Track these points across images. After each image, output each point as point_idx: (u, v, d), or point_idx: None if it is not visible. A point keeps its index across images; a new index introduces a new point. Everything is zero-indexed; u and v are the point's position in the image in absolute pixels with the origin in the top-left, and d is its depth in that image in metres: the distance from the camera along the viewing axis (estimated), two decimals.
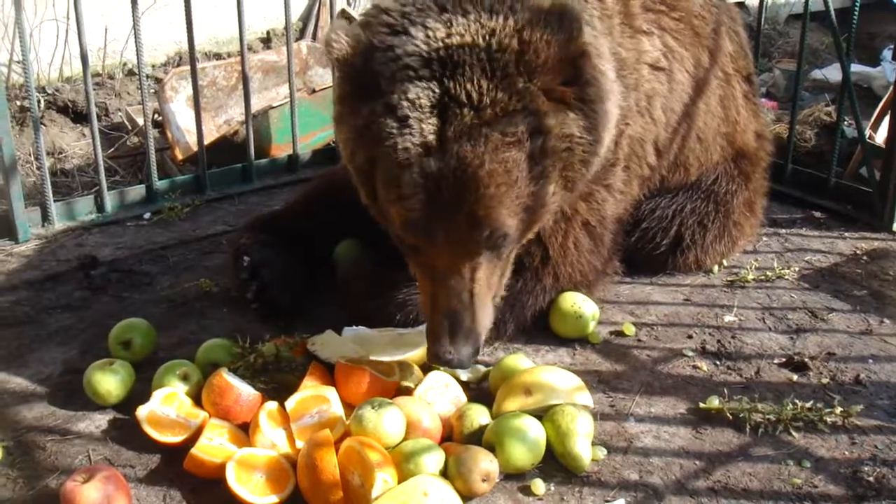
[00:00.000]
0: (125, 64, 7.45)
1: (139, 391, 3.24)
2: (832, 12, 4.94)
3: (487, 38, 2.84)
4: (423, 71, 2.83)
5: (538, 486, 2.84)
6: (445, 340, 2.99)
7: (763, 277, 4.26)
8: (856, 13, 4.85)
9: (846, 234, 4.77)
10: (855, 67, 7.40)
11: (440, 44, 2.84)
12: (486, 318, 3.09)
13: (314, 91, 5.96)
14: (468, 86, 2.80)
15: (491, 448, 2.86)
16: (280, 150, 5.75)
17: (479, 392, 3.31)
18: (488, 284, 3.08)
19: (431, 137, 2.80)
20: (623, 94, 3.55)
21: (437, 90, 2.81)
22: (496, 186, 2.83)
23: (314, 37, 8.23)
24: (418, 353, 3.33)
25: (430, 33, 2.86)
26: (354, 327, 3.49)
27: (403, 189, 2.86)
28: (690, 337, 3.77)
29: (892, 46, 8.55)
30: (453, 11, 2.90)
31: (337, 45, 2.94)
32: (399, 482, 2.70)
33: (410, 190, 2.84)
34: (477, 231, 2.90)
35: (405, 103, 2.82)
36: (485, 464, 2.77)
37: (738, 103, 4.39)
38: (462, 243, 2.94)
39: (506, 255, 3.15)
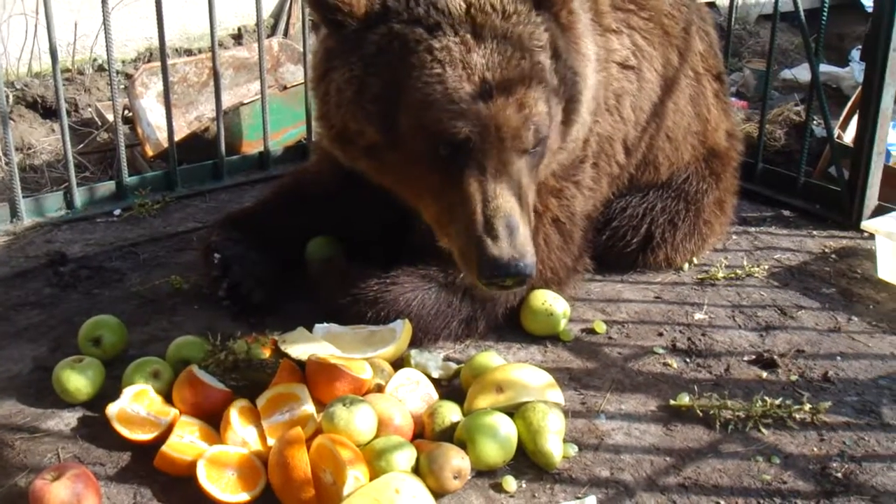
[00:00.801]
0: (95, 59, 7.40)
1: (109, 388, 3.22)
2: (801, 13, 4.98)
3: None
4: (446, 2, 2.95)
5: (509, 483, 2.84)
6: (505, 245, 2.94)
7: (733, 275, 4.28)
8: (825, 14, 4.88)
9: (815, 233, 4.81)
10: (824, 67, 7.46)
11: None
12: (529, 229, 3.10)
13: (285, 88, 5.95)
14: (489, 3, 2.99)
15: (462, 445, 2.86)
16: (251, 147, 5.73)
17: (451, 389, 3.31)
18: (528, 196, 3.13)
19: (469, 36, 2.93)
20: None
21: (463, 4, 2.95)
22: (538, 82, 3.00)
23: (286, 33, 8.21)
24: (390, 350, 3.34)
25: None
26: (325, 324, 3.50)
27: (450, 85, 2.92)
28: (661, 334, 3.78)
29: (860, 47, 8.61)
30: None
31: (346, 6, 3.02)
32: (370, 479, 2.69)
33: (458, 84, 2.92)
34: (525, 119, 2.99)
35: (433, 11, 2.93)
36: (456, 461, 2.77)
37: (709, 102, 4.42)
38: (514, 133, 2.99)
39: (536, 171, 3.23)
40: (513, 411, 3.03)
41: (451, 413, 3.02)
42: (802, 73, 7.94)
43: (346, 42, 3.10)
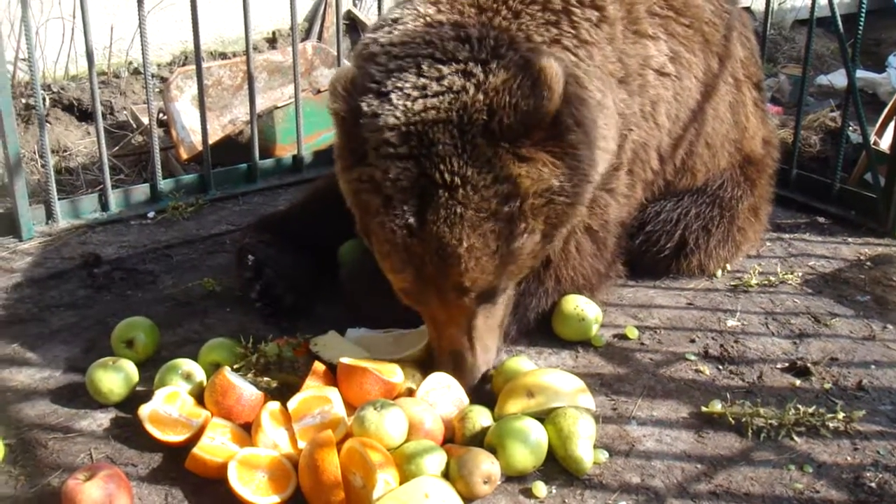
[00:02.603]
0: (131, 63, 7.45)
1: (141, 390, 3.26)
2: (838, 18, 4.93)
3: (459, 111, 2.92)
4: (402, 148, 2.95)
5: (539, 488, 2.84)
6: (452, 374, 3.23)
7: (766, 282, 4.26)
8: (861, 19, 4.84)
9: (850, 240, 4.76)
10: (860, 73, 7.39)
11: (417, 118, 2.94)
12: (489, 351, 3.32)
13: (319, 91, 5.96)
14: (441, 166, 2.91)
15: (492, 450, 2.87)
16: (284, 151, 5.75)
17: (482, 394, 3.30)
18: (486, 326, 3.27)
19: (412, 220, 2.96)
20: (626, 101, 3.56)
21: (414, 170, 2.94)
22: (476, 259, 2.99)
23: (320, 37, 8.24)
24: (419, 349, 3.35)
25: (408, 104, 2.96)
26: (357, 328, 3.51)
27: (393, 263, 3.08)
28: (693, 341, 3.76)
29: None
30: (428, 74, 3.00)
31: (335, 104, 3.09)
32: (400, 483, 2.70)
33: (399, 265, 3.06)
34: (465, 296, 3.10)
35: (388, 183, 2.96)
36: (486, 466, 2.77)
37: (748, 110, 4.38)
38: (454, 306, 3.15)
39: (502, 299, 3.33)
40: (543, 416, 3.02)
41: (481, 418, 3.03)
42: (838, 78, 7.87)
43: (343, 155, 3.19)
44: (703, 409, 3.25)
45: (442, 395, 3.14)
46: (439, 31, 3.12)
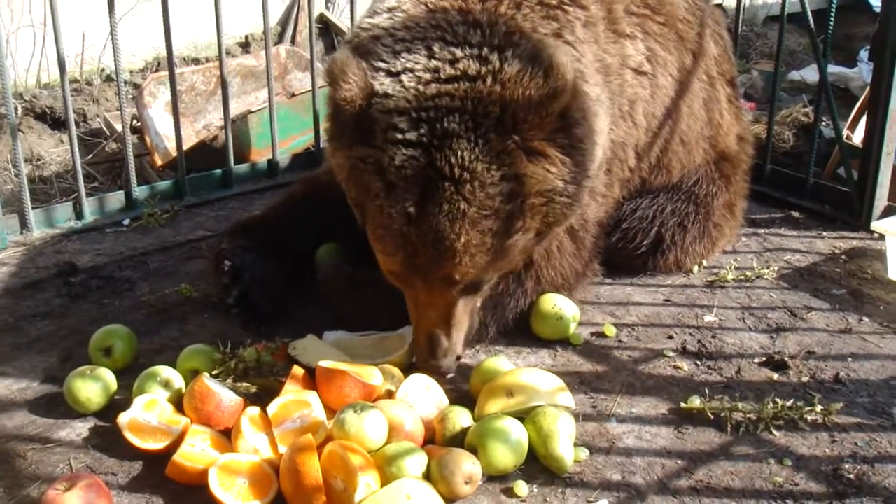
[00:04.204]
0: (103, 70, 7.44)
1: (120, 398, 3.24)
2: (809, 14, 4.97)
3: (474, 101, 2.88)
4: (411, 135, 2.89)
5: (521, 487, 2.84)
6: (427, 354, 3.24)
7: (743, 277, 4.28)
8: (832, 14, 4.88)
9: (825, 234, 4.80)
10: (832, 68, 7.46)
11: (430, 103, 2.90)
12: (462, 332, 3.32)
13: (293, 95, 5.97)
14: (452, 158, 2.87)
15: (473, 450, 2.86)
16: (260, 155, 5.75)
17: (461, 394, 3.32)
18: (465, 312, 3.28)
19: (412, 209, 2.92)
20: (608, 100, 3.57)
21: (422, 159, 2.89)
22: (471, 255, 3.00)
23: (293, 41, 8.24)
24: (399, 356, 3.36)
25: (420, 88, 2.92)
26: (335, 332, 3.51)
27: (385, 245, 3.06)
28: (671, 337, 3.78)
29: (868, 47, 8.61)
30: (440, 56, 2.97)
31: (346, 86, 2.95)
32: (382, 486, 2.69)
33: (391, 250, 3.05)
34: (453, 287, 3.13)
35: (393, 170, 2.91)
36: (467, 466, 2.78)
37: (722, 107, 4.41)
38: (439, 293, 3.16)
39: (485, 289, 3.36)
40: (523, 416, 3.03)
41: (461, 418, 3.03)
42: (810, 73, 7.93)
43: (344, 134, 3.09)
44: (682, 405, 3.26)
45: (422, 397, 3.14)
46: (446, 15, 3.09)
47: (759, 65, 8.43)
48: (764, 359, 3.61)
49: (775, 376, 3.49)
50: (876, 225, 4.54)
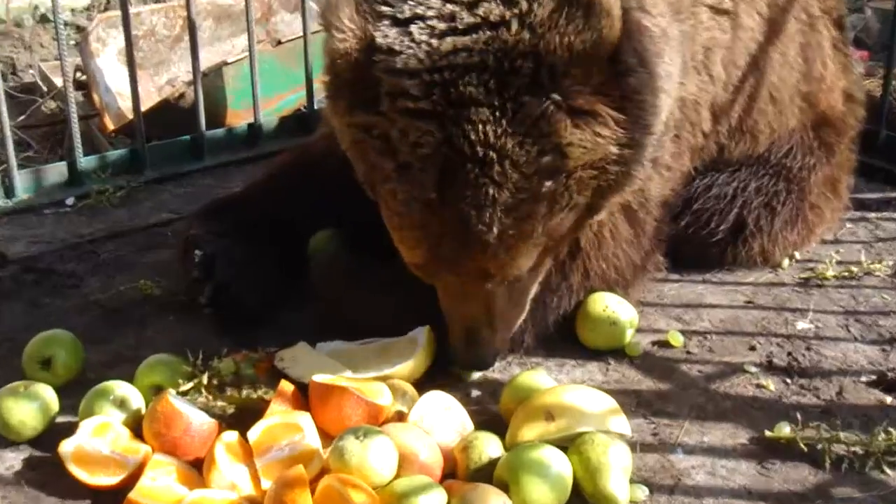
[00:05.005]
0: (36, 7, 7.44)
1: (63, 422, 3.26)
2: None
3: (498, 55, 2.80)
4: (424, 103, 2.83)
5: None
6: (463, 349, 3.35)
7: (847, 274, 4.28)
8: None
9: None
10: None
11: (444, 62, 2.81)
12: (508, 327, 3.39)
13: (279, 42, 5.99)
14: (472, 135, 2.82)
15: (504, 486, 2.87)
16: (238, 118, 5.76)
17: (490, 417, 3.33)
18: (511, 300, 3.32)
19: (433, 195, 2.91)
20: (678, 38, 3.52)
21: (438, 134, 2.84)
22: (507, 247, 3.00)
23: None
24: (410, 366, 3.38)
25: (433, 42, 2.83)
26: (330, 342, 3.56)
27: (404, 236, 3.10)
28: (753, 348, 3.79)
29: None
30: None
31: (339, 35, 2.93)
32: None
33: (412, 242, 3.08)
34: (489, 281, 3.17)
35: (405, 147, 2.88)
36: None
37: (825, 54, 4.39)
38: (473, 286, 3.20)
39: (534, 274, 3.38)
40: (566, 445, 3.04)
41: (489, 447, 3.03)
42: None
43: (343, 96, 3.07)
44: (768, 433, 3.26)
45: (440, 420, 3.16)
46: None
47: (873, 2, 8.41)
48: (873, 377, 3.61)
49: (888, 399, 3.49)
50: None
